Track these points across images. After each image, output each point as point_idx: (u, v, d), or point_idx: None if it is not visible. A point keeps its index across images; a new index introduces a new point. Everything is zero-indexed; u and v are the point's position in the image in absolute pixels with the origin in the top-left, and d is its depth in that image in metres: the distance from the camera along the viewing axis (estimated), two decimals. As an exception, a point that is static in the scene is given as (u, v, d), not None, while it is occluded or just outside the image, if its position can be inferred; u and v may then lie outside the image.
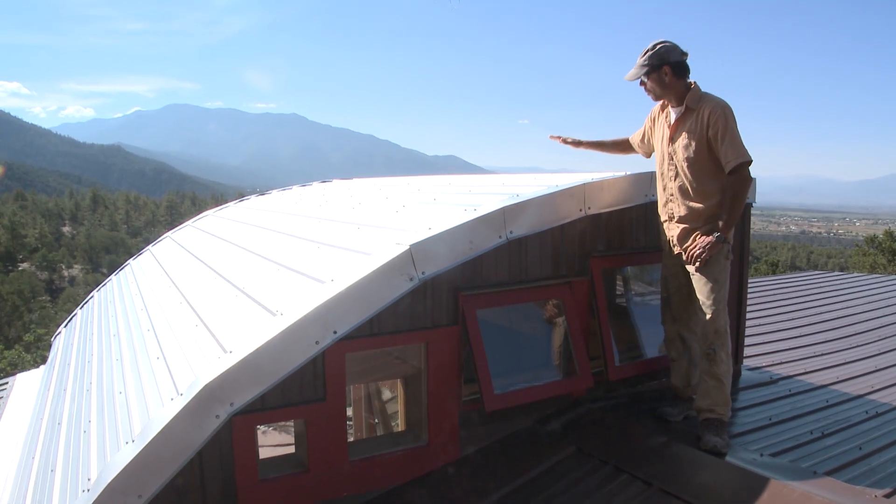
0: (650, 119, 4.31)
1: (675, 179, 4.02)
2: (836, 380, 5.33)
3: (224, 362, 3.14)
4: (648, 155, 4.46)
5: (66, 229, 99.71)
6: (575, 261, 4.32)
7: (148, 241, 10.21)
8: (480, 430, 4.01)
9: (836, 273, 12.36)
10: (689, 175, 3.92)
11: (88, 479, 3.14)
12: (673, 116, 4.03)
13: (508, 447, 4.00)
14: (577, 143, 4.53)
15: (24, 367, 24.02)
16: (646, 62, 3.92)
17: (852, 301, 8.97)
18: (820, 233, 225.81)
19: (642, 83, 4.00)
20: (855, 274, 12.71)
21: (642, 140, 4.41)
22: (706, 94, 3.92)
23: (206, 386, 3.06)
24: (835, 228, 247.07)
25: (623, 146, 4.60)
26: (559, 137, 4.69)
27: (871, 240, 32.82)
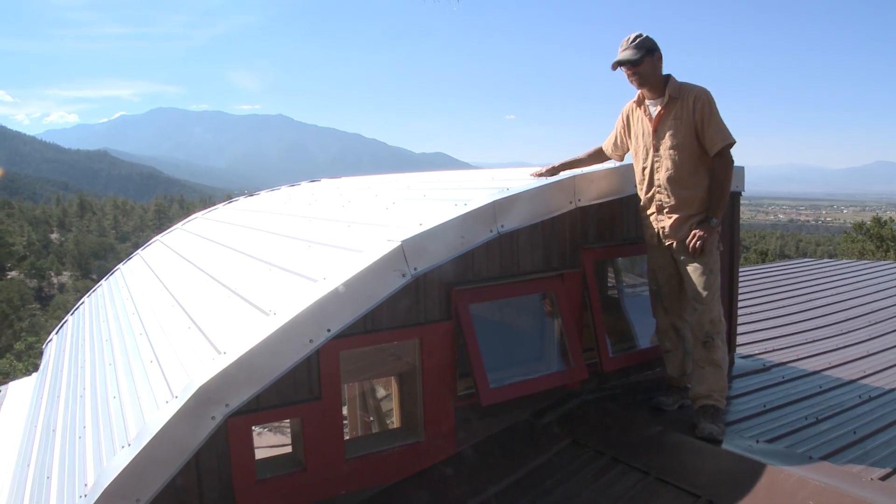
0: (622, 119, 4.28)
1: (661, 170, 4.02)
2: (828, 365, 5.37)
3: (218, 363, 3.13)
4: (622, 158, 4.46)
5: (54, 236, 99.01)
6: (566, 253, 4.33)
7: (137, 246, 10.15)
8: (476, 425, 4.01)
9: (826, 260, 12.43)
10: (677, 162, 3.93)
11: (85, 485, 3.12)
12: (653, 109, 4.03)
13: (505, 440, 4.01)
14: (553, 171, 4.46)
15: (15, 376, 23.83)
16: (641, 45, 3.90)
17: (842, 287, 9.03)
18: (808, 221, 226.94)
19: (630, 67, 3.96)
20: (844, 261, 12.78)
21: (616, 143, 4.37)
22: (684, 83, 3.97)
23: (200, 388, 3.05)
24: (823, 216, 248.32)
25: (598, 156, 4.52)
26: (534, 173, 4.62)
27: (860, 226, 33.07)
